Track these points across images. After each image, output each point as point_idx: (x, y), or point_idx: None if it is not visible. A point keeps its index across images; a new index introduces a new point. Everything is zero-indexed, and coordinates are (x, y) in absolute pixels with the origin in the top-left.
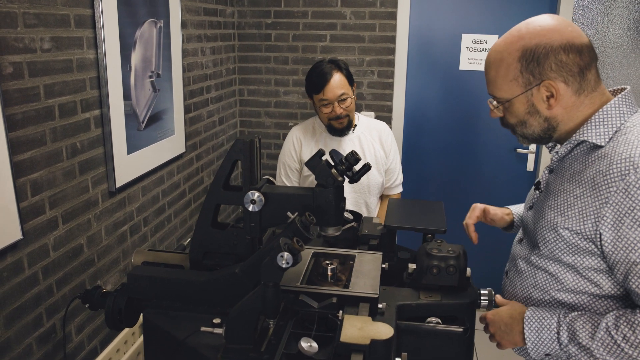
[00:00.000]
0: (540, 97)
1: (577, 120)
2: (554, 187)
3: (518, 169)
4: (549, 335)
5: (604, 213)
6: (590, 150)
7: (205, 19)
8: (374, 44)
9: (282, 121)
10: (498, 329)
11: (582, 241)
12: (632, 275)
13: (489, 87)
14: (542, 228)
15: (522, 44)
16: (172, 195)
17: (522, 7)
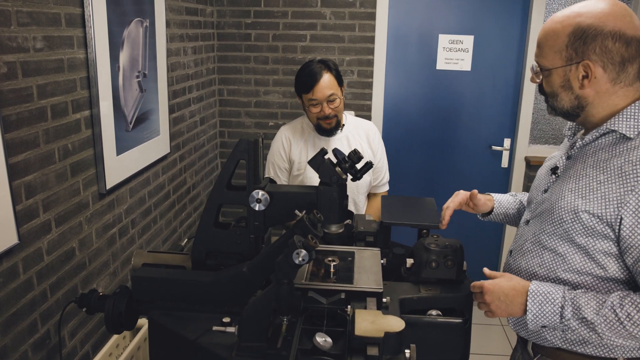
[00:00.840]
0: (576, 75)
1: (607, 108)
2: (573, 172)
3: (493, 166)
4: (552, 308)
5: (628, 199)
6: (618, 141)
7: (187, 18)
8: (354, 44)
9: (262, 121)
10: (497, 299)
11: (599, 224)
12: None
13: (537, 53)
14: (560, 209)
15: (578, 21)
16: (157, 197)
17: (495, 8)
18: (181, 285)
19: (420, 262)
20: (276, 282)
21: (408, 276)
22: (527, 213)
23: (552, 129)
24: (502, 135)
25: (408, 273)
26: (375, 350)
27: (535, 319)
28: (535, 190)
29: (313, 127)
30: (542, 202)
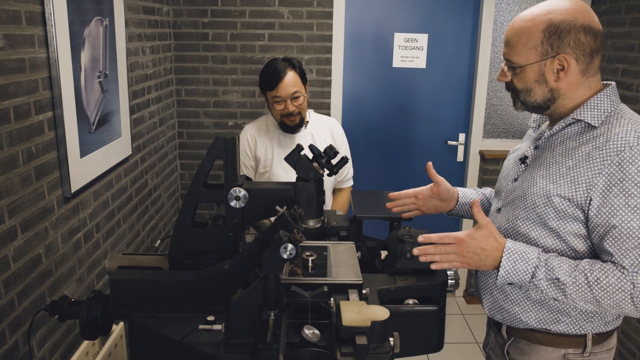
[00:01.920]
0: (552, 68)
1: (575, 99)
2: (542, 160)
3: (449, 160)
4: (524, 267)
5: (596, 182)
6: (584, 130)
7: (144, 17)
8: (312, 42)
9: (221, 121)
10: (472, 252)
11: (570, 207)
12: (608, 237)
13: (507, 51)
14: (532, 195)
15: (550, 18)
16: (120, 200)
17: (448, 7)
18: (162, 286)
19: (395, 254)
20: (263, 278)
21: (383, 267)
22: (496, 202)
23: (503, 124)
24: (457, 130)
25: (383, 265)
26: (363, 339)
27: (506, 276)
28: (504, 179)
29: (277, 124)
30: (513, 190)
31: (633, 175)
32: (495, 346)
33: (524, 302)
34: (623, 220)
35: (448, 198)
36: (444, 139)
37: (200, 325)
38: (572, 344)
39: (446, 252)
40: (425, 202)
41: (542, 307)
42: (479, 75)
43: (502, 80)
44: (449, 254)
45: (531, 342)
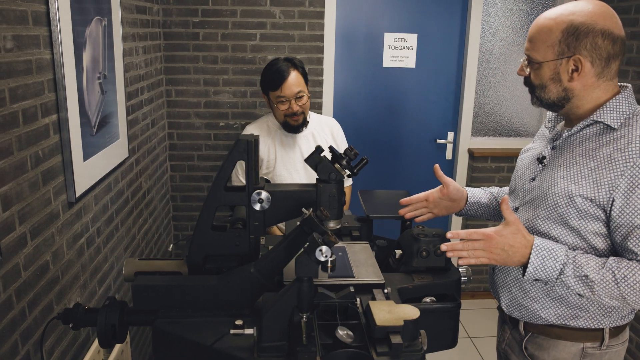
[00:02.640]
0: (566, 68)
1: (591, 100)
2: (562, 161)
3: (438, 158)
4: (553, 264)
5: (618, 183)
6: (603, 131)
7: (137, 17)
8: (304, 42)
9: (212, 121)
10: (500, 249)
11: (592, 207)
12: (632, 236)
13: (529, 46)
14: (554, 195)
15: (571, 19)
16: (118, 203)
17: (437, 8)
18: (186, 291)
19: (410, 252)
20: (297, 280)
21: (399, 266)
22: (513, 201)
23: (491, 122)
24: (446, 128)
25: (398, 263)
26: (398, 338)
27: (534, 272)
28: (520, 179)
29: (279, 125)
30: (532, 189)
31: None
32: (512, 342)
33: (543, 298)
34: None
35: (458, 198)
36: (433, 137)
37: (232, 330)
38: (590, 337)
39: (474, 248)
40: (436, 204)
41: (561, 304)
42: (468, 74)
43: (521, 75)
44: (476, 250)
45: (550, 337)
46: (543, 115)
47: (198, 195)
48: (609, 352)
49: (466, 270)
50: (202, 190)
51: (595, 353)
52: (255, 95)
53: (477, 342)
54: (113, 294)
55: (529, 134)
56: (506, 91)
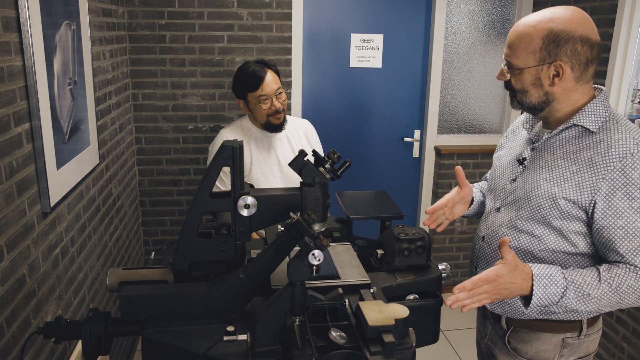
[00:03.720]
0: (547, 73)
1: (570, 104)
2: (543, 163)
3: (405, 156)
4: (554, 290)
5: (600, 186)
6: (582, 134)
7: (103, 20)
8: (272, 44)
9: (181, 125)
10: (503, 288)
11: (575, 209)
12: (615, 238)
13: (509, 53)
14: (537, 197)
15: (551, 26)
16: (90, 211)
17: (402, 8)
18: (175, 299)
19: (392, 252)
20: (289, 284)
21: (381, 266)
22: (494, 201)
23: (456, 120)
24: (412, 127)
25: (380, 263)
26: (390, 337)
27: (539, 301)
28: (500, 179)
29: (255, 127)
30: (513, 190)
31: (636, 180)
32: (494, 337)
33: None
34: (628, 222)
35: (469, 200)
36: (400, 136)
37: (225, 337)
38: (570, 328)
39: (478, 294)
40: (454, 208)
41: None
42: (433, 73)
43: (501, 79)
44: (481, 294)
45: (532, 330)
46: (505, 112)
47: (167, 200)
48: (587, 341)
49: (446, 267)
50: (171, 195)
51: (575, 342)
52: (224, 97)
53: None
54: (88, 304)
55: (493, 131)
56: (470, 89)
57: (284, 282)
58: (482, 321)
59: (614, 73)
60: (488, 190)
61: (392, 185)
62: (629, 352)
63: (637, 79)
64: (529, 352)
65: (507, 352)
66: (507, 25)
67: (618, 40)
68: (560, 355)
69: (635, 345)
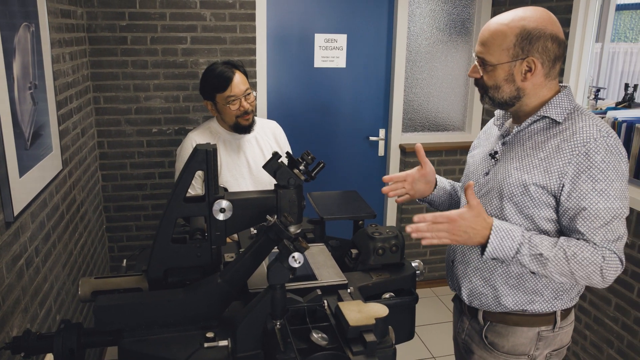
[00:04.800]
0: (520, 69)
1: (538, 98)
2: (513, 154)
3: (371, 155)
4: (510, 244)
5: (567, 170)
6: (549, 126)
7: (62, 21)
8: (236, 45)
9: (144, 128)
10: (462, 231)
11: (545, 195)
12: (579, 218)
13: (482, 50)
14: (509, 185)
15: (523, 24)
16: (54, 219)
17: (365, 8)
18: (152, 307)
19: (367, 251)
20: (270, 288)
21: (356, 265)
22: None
23: (420, 118)
24: (377, 126)
25: (355, 262)
26: (372, 336)
27: (493, 251)
28: (474, 174)
29: (223, 129)
30: (486, 183)
31: (598, 163)
32: (471, 332)
33: (503, 286)
34: (591, 203)
35: (432, 180)
36: (366, 135)
37: (205, 343)
38: (545, 322)
39: (438, 230)
40: (413, 185)
41: (518, 290)
42: (396, 72)
43: (474, 77)
44: (440, 231)
45: (508, 324)
46: (467, 109)
47: (132, 205)
48: (561, 333)
49: (419, 265)
50: (136, 199)
51: (550, 335)
52: (188, 99)
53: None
54: (54, 315)
55: (456, 128)
56: (432, 88)
57: (261, 285)
58: (459, 317)
59: (571, 70)
60: (462, 187)
61: (359, 183)
62: (591, 339)
63: (593, 76)
64: (506, 346)
65: (484, 347)
66: (467, 24)
67: (574, 39)
68: (536, 348)
69: (597, 332)
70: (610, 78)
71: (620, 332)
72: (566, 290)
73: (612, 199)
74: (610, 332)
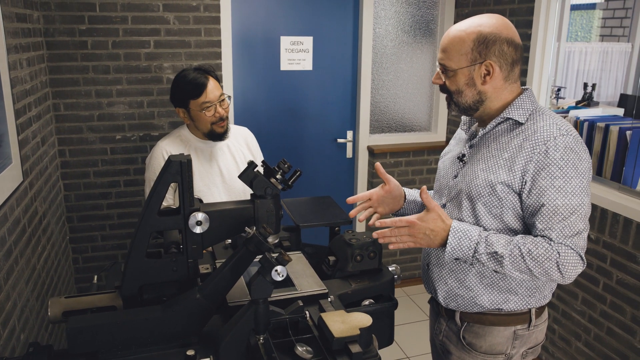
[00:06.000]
0: (479, 73)
1: (500, 101)
2: (480, 156)
3: (339, 157)
4: (467, 243)
5: (528, 168)
6: (512, 127)
7: (18, 26)
8: (201, 48)
9: (108, 135)
10: (422, 234)
11: (510, 193)
12: (538, 214)
13: (443, 56)
14: (477, 187)
15: (480, 29)
16: (15, 233)
17: (330, 11)
18: (128, 327)
19: (345, 258)
20: (252, 302)
21: (334, 273)
22: (439, 199)
23: (386, 119)
24: (345, 128)
25: (333, 270)
26: (357, 347)
27: (453, 251)
28: (444, 178)
29: (195, 137)
30: (455, 185)
31: (557, 161)
32: (449, 333)
33: (478, 286)
34: (549, 199)
35: (398, 195)
36: (333, 137)
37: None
38: (520, 320)
39: (400, 234)
40: (380, 202)
41: (493, 289)
42: (363, 74)
43: (437, 83)
44: (402, 235)
45: (484, 324)
46: (433, 110)
47: (97, 214)
48: (536, 331)
49: (396, 269)
50: (101, 209)
51: (525, 334)
52: (152, 105)
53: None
54: (18, 334)
55: (422, 129)
56: (399, 89)
57: (239, 298)
58: (436, 318)
59: (534, 71)
60: (434, 193)
61: (327, 186)
62: (559, 332)
63: (552, 75)
64: (483, 346)
65: (462, 348)
66: (432, 25)
67: (536, 40)
68: (512, 347)
69: (565, 326)
70: (567, 77)
71: (587, 325)
72: (539, 288)
73: (570, 195)
74: (578, 326)
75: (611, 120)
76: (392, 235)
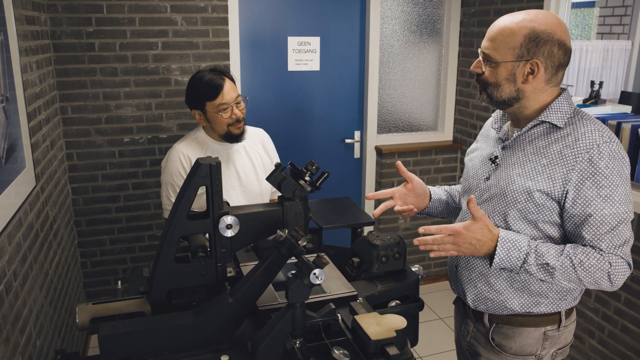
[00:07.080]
0: (522, 70)
1: (538, 102)
2: (514, 159)
3: (347, 157)
4: (517, 254)
5: (570, 177)
6: (550, 130)
7: (27, 28)
8: (209, 50)
9: (116, 138)
10: (468, 243)
11: (549, 201)
12: (585, 225)
13: (488, 45)
14: (513, 192)
15: (533, 25)
16: (29, 239)
17: (337, 10)
18: (160, 333)
19: (370, 259)
20: (289, 307)
21: (358, 274)
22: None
23: (394, 119)
24: (353, 128)
25: (357, 271)
26: (394, 349)
27: (501, 262)
28: (474, 179)
29: (211, 139)
30: (488, 188)
31: (602, 169)
32: (477, 335)
33: (508, 290)
34: (597, 209)
35: (422, 193)
36: (341, 137)
37: None
38: (550, 321)
39: (443, 243)
40: (404, 200)
41: (524, 293)
42: (370, 73)
43: (476, 72)
44: (446, 244)
45: (514, 325)
46: (439, 110)
47: (105, 218)
48: (565, 332)
49: (419, 269)
50: (109, 212)
51: (555, 334)
52: (160, 107)
53: None
54: (34, 341)
55: (429, 128)
56: (405, 89)
57: (269, 302)
58: (463, 320)
59: None
60: (463, 192)
61: (336, 186)
62: None
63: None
64: (513, 347)
65: (491, 349)
66: (438, 25)
67: None
68: (542, 348)
69: (578, 324)
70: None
71: (601, 323)
72: (570, 291)
73: (617, 204)
74: (591, 323)
75: (622, 117)
76: (435, 244)
